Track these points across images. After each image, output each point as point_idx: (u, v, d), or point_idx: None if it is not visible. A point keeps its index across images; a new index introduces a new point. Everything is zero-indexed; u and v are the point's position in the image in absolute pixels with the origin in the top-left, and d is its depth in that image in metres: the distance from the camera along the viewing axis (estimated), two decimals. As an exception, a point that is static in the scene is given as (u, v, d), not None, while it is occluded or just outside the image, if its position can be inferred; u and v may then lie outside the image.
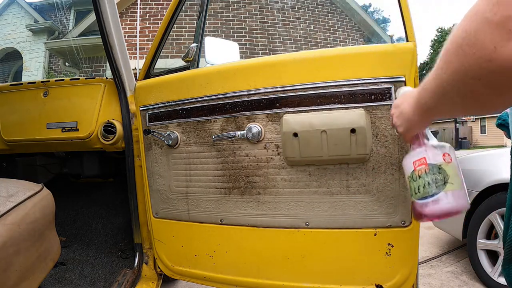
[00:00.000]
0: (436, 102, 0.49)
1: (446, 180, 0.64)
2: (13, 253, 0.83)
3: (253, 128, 1.04)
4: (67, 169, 1.95)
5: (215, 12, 6.81)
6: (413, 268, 0.98)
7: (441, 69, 0.43)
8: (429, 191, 0.64)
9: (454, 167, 0.66)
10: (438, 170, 0.65)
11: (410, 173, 0.69)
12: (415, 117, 0.61)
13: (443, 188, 0.64)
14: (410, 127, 0.65)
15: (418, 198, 0.66)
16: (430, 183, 0.64)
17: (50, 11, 8.58)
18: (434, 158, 0.66)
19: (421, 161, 0.66)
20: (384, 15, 24.23)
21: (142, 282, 1.41)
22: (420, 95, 0.55)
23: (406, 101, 0.64)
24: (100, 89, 1.49)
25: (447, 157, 0.66)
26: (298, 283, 1.07)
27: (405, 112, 0.64)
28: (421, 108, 0.57)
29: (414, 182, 0.67)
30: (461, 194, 0.65)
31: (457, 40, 0.39)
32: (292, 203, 1.05)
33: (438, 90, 0.46)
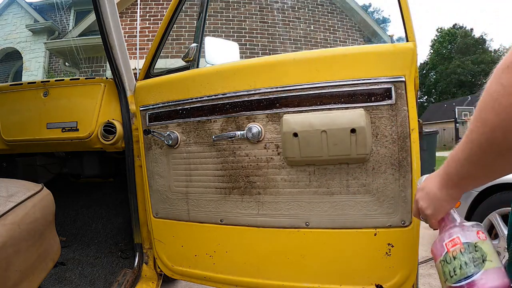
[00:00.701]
0: (472, 168, 0.49)
1: (485, 258, 0.59)
2: (13, 253, 0.83)
3: (253, 128, 1.04)
4: (67, 169, 1.95)
5: (215, 12, 6.81)
6: (413, 268, 0.98)
7: (476, 132, 0.44)
8: (467, 271, 0.59)
9: (490, 244, 0.62)
10: (474, 248, 0.60)
11: (443, 256, 0.63)
12: (442, 194, 0.59)
13: (482, 267, 0.58)
14: (439, 206, 0.62)
15: (455, 281, 0.60)
16: (468, 262, 0.59)
17: (50, 11, 8.57)
18: (468, 237, 0.61)
19: (454, 241, 0.62)
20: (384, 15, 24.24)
21: (142, 282, 1.41)
22: (450, 168, 0.54)
23: (431, 182, 0.62)
24: (100, 89, 1.49)
25: (482, 235, 0.62)
26: (298, 283, 1.07)
27: (431, 192, 0.62)
28: (451, 181, 0.55)
29: (449, 264, 0.61)
30: (501, 271, 0.60)
31: (492, 96, 0.39)
32: (292, 203, 1.05)
33: (473, 154, 0.46)
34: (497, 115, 0.39)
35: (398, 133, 0.93)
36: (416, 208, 0.68)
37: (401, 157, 0.93)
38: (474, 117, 0.44)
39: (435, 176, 0.61)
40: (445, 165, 0.56)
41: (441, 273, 0.64)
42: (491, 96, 0.40)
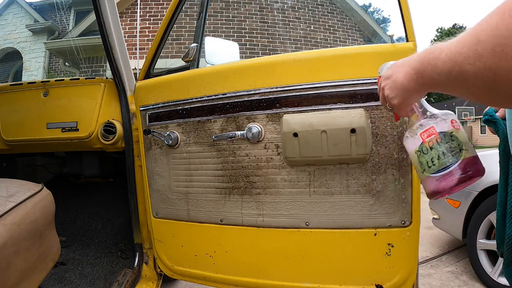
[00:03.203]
0: (447, 83, 0.46)
1: (462, 147, 0.58)
2: (13, 253, 0.83)
3: (253, 128, 1.04)
4: (67, 169, 1.95)
5: (215, 12, 6.81)
6: (413, 268, 0.98)
7: (465, 57, 0.40)
8: (446, 161, 0.58)
9: (464, 133, 0.61)
10: (450, 138, 0.59)
11: (419, 147, 0.62)
12: (411, 87, 0.56)
13: (460, 156, 0.58)
14: (407, 97, 0.59)
15: (434, 171, 0.59)
16: (446, 152, 0.58)
17: (50, 11, 8.58)
18: (443, 126, 0.60)
19: (429, 132, 0.60)
20: (384, 15, 24.23)
21: (142, 282, 1.41)
22: (425, 69, 0.50)
23: (399, 71, 0.59)
24: (100, 89, 1.49)
25: (456, 124, 0.61)
26: (298, 283, 1.07)
27: (398, 81, 0.58)
28: (423, 81, 0.52)
29: (426, 155, 0.60)
30: (477, 159, 0.59)
31: (496, 37, 0.36)
32: (292, 203, 1.05)
33: (454, 76, 0.43)
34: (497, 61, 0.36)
35: (398, 133, 0.93)
36: (382, 96, 0.65)
37: (401, 157, 0.93)
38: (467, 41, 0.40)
39: (404, 67, 0.58)
40: (419, 63, 0.52)
41: (417, 164, 0.63)
42: (495, 36, 0.36)
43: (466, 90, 0.44)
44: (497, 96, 0.40)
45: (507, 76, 0.35)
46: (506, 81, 0.36)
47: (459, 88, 0.44)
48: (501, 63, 0.35)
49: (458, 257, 2.56)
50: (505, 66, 0.35)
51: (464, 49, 0.40)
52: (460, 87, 0.44)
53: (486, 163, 1.91)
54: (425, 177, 0.62)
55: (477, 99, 0.44)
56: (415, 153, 0.63)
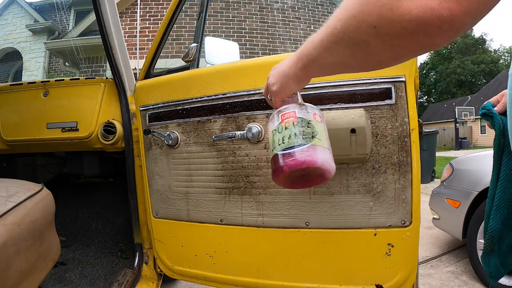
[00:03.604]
0: (321, 52, 0.48)
1: (315, 135, 0.60)
2: (13, 253, 0.83)
3: (253, 128, 1.04)
4: (67, 169, 1.95)
5: (215, 12, 6.81)
6: (413, 268, 0.98)
7: (335, 17, 0.43)
8: (295, 141, 0.59)
9: (323, 128, 0.63)
10: (307, 124, 0.61)
11: (276, 126, 0.63)
12: (290, 73, 0.58)
13: (310, 141, 0.59)
14: (285, 84, 0.61)
15: (282, 149, 0.60)
16: (297, 134, 0.60)
17: (50, 11, 8.58)
18: (304, 113, 0.62)
19: (290, 114, 0.62)
20: (384, 15, 24.07)
21: (142, 282, 1.41)
22: (304, 48, 0.53)
23: (282, 63, 0.62)
24: (100, 89, 1.49)
25: (318, 117, 0.63)
26: (298, 283, 1.07)
27: (281, 69, 0.61)
28: (302, 61, 0.54)
29: (279, 134, 0.62)
30: (328, 153, 0.61)
31: None
32: (292, 203, 1.05)
33: (327, 39, 0.45)
34: (360, 6, 0.38)
35: (398, 133, 0.93)
36: (266, 84, 0.68)
37: (401, 157, 0.93)
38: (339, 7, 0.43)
39: (285, 60, 0.61)
40: (298, 51, 0.55)
41: (271, 142, 0.64)
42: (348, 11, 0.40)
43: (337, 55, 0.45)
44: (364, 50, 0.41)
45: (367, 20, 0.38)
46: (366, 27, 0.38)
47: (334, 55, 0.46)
48: (362, 8, 0.38)
49: (458, 257, 2.56)
50: (366, 10, 0.37)
51: (334, 15, 0.43)
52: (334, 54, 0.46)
53: (487, 163, 1.92)
54: (273, 155, 0.62)
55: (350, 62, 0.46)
56: (271, 131, 0.64)
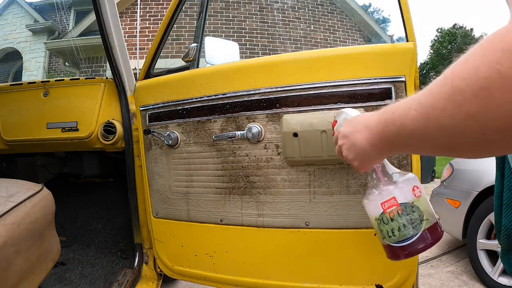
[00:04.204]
0: (417, 142, 0.41)
1: (422, 218, 0.60)
2: (13, 253, 0.83)
3: (253, 128, 1.04)
4: (67, 169, 1.95)
5: (215, 12, 6.81)
6: (413, 268, 0.98)
7: (442, 110, 0.35)
8: (406, 233, 0.59)
9: (424, 199, 0.62)
10: (411, 209, 0.60)
11: (379, 216, 0.62)
12: (373, 151, 0.53)
13: (421, 228, 0.59)
14: (367, 160, 0.57)
15: (394, 242, 0.61)
16: (406, 224, 0.59)
17: (50, 11, 8.58)
18: (405, 196, 0.60)
19: (390, 202, 0.60)
20: (384, 15, 24.21)
21: (142, 282, 1.41)
22: (388, 131, 0.46)
23: (360, 131, 0.55)
24: (100, 89, 1.49)
25: (417, 191, 0.61)
26: (298, 283, 1.07)
27: (359, 145, 0.55)
28: (387, 144, 0.48)
29: (386, 225, 0.61)
30: (436, 226, 0.61)
31: (479, 81, 0.31)
32: (292, 203, 1.05)
33: (428, 132, 0.38)
34: (482, 106, 0.31)
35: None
36: (339, 153, 0.63)
37: (401, 157, 0.93)
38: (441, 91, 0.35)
39: (364, 127, 0.54)
40: (382, 125, 0.47)
41: (378, 230, 0.64)
42: (478, 80, 0.31)
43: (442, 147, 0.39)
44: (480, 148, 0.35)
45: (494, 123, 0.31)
46: (492, 129, 0.31)
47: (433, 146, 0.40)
48: (488, 108, 0.31)
49: (458, 257, 2.56)
50: (493, 112, 0.30)
51: (438, 101, 0.35)
52: (434, 145, 0.39)
53: (487, 163, 1.92)
54: (385, 244, 0.63)
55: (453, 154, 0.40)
56: (375, 220, 0.63)
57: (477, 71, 0.31)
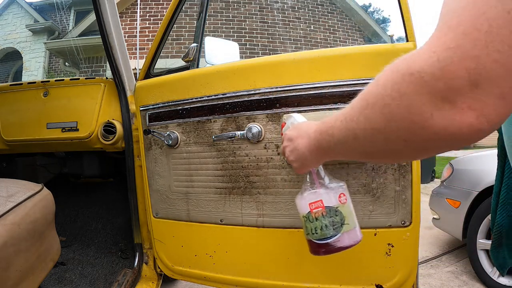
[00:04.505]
0: (343, 150, 0.47)
1: (343, 222, 0.67)
2: (13, 253, 0.83)
3: (253, 128, 1.04)
4: (67, 169, 1.95)
5: (215, 12, 6.81)
6: (413, 268, 0.97)
7: (356, 123, 0.40)
8: (327, 233, 0.67)
9: (349, 206, 0.70)
10: (335, 213, 0.67)
11: (306, 214, 0.69)
12: (311, 157, 0.59)
13: (340, 230, 0.67)
14: (306, 164, 0.63)
15: (316, 238, 0.69)
16: (328, 225, 0.67)
17: (50, 11, 8.57)
18: (330, 201, 0.68)
19: (317, 204, 0.68)
20: (384, 15, 24.19)
21: (142, 282, 1.41)
22: (322, 139, 0.52)
23: (301, 137, 0.62)
24: (100, 89, 1.49)
25: (343, 198, 0.69)
26: (298, 283, 1.07)
27: (300, 149, 0.62)
28: (322, 151, 0.54)
29: (311, 223, 0.69)
30: (355, 231, 0.69)
31: (384, 99, 0.35)
32: (292, 203, 1.04)
33: (349, 142, 0.44)
34: (387, 121, 0.35)
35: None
36: (283, 153, 0.70)
37: (401, 157, 0.93)
38: (358, 106, 0.39)
39: (306, 136, 0.60)
40: (319, 133, 0.53)
41: (303, 226, 0.72)
42: (383, 98, 0.35)
43: (363, 155, 0.44)
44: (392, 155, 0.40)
45: (396, 135, 0.35)
46: (395, 140, 0.36)
47: (356, 153, 0.45)
48: (389, 124, 0.35)
49: (458, 257, 2.56)
50: (394, 126, 0.35)
51: (355, 115, 0.40)
52: (357, 153, 0.45)
53: (487, 162, 1.93)
54: (308, 239, 0.72)
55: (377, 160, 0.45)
56: (302, 217, 0.72)
57: (383, 89, 0.35)
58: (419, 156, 0.39)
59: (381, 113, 0.36)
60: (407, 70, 0.33)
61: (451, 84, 0.29)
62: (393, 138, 0.36)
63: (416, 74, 0.32)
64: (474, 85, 0.29)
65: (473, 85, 0.29)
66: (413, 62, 0.33)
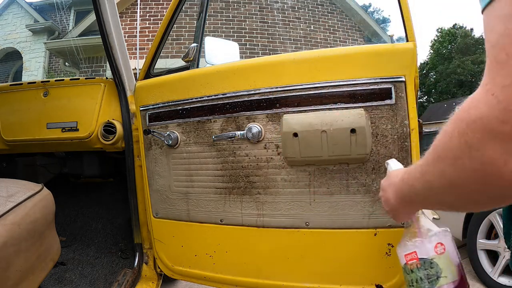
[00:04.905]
0: (424, 201, 0.47)
1: (439, 275, 0.63)
2: (13, 253, 0.83)
3: (253, 128, 1.04)
4: (67, 169, 1.95)
5: (215, 12, 6.81)
6: (413, 268, 0.97)
7: (432, 175, 0.40)
8: (422, 286, 0.64)
9: (447, 257, 0.65)
10: (430, 265, 0.64)
11: (403, 265, 0.68)
12: (399, 207, 0.59)
13: (436, 284, 0.63)
14: (397, 214, 0.63)
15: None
16: (423, 278, 0.64)
17: (50, 11, 8.57)
18: (425, 252, 0.65)
19: (411, 256, 0.66)
20: (384, 15, 24.18)
21: (142, 282, 1.41)
22: (404, 189, 0.52)
23: (390, 188, 0.62)
24: (100, 89, 1.49)
25: (440, 248, 0.65)
26: (298, 283, 1.07)
27: (389, 200, 0.62)
28: (405, 202, 0.54)
29: (408, 275, 0.67)
30: (454, 284, 0.64)
31: (453, 151, 0.34)
32: (292, 203, 1.05)
33: (427, 193, 0.44)
34: (458, 175, 0.35)
35: (398, 133, 0.93)
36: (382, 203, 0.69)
37: (401, 157, 0.93)
38: (431, 158, 0.39)
39: (393, 186, 0.60)
40: (400, 182, 0.53)
41: (403, 275, 0.70)
42: (451, 150, 0.34)
43: (445, 205, 0.44)
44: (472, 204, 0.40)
45: (472, 187, 0.35)
46: (473, 192, 0.35)
47: (437, 204, 0.46)
48: (464, 177, 0.34)
49: (458, 257, 2.56)
50: (469, 179, 0.34)
51: (430, 167, 0.40)
52: (437, 204, 0.45)
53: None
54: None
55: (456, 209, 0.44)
56: (402, 267, 0.70)
57: (451, 141, 0.35)
58: (499, 204, 0.38)
59: (454, 165, 0.35)
60: (470, 118, 0.31)
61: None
62: (470, 190, 0.35)
63: (479, 121, 0.30)
64: None
65: None
66: (474, 108, 0.31)
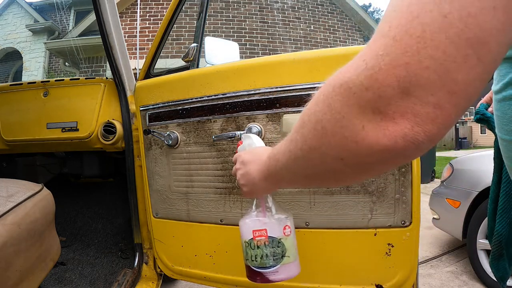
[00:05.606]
0: (288, 175, 0.45)
1: (284, 254, 0.67)
2: (13, 253, 0.83)
3: (253, 128, 1.04)
4: (67, 169, 1.95)
5: (215, 12, 6.81)
6: (413, 268, 0.98)
7: (295, 143, 0.38)
8: (266, 262, 0.66)
9: (292, 239, 0.69)
10: (277, 244, 0.67)
11: (248, 240, 0.69)
12: (261, 183, 0.56)
13: (280, 262, 0.66)
14: (255, 191, 0.61)
15: (254, 266, 0.68)
16: (268, 255, 0.66)
17: (50, 11, 8.58)
18: (275, 231, 0.67)
19: (261, 232, 0.67)
20: (384, 15, 24.10)
21: (142, 282, 1.41)
22: (271, 165, 0.50)
23: (254, 163, 0.59)
24: (100, 89, 1.49)
25: (287, 230, 0.68)
26: (298, 283, 1.07)
27: (251, 174, 0.59)
28: (270, 177, 0.52)
29: (252, 250, 0.68)
30: (295, 264, 0.68)
31: (316, 114, 0.33)
32: (292, 203, 1.05)
33: (291, 165, 0.41)
34: (318, 138, 0.33)
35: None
36: (234, 174, 0.67)
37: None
38: (296, 126, 0.38)
39: (259, 162, 0.57)
40: (268, 160, 0.51)
41: (244, 251, 0.71)
42: (315, 113, 0.33)
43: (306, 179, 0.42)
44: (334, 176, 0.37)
45: (331, 152, 0.33)
46: (332, 159, 0.34)
47: (299, 178, 0.43)
48: (323, 140, 0.33)
49: (458, 257, 2.56)
50: (327, 142, 0.33)
51: (293, 135, 0.38)
52: (300, 177, 0.42)
53: (487, 163, 1.92)
54: (247, 264, 0.71)
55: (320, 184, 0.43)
56: (244, 242, 0.70)
57: (316, 105, 0.33)
58: (361, 176, 0.36)
59: (314, 129, 0.34)
60: (337, 82, 0.31)
61: (380, 93, 0.28)
62: (329, 156, 0.34)
63: (345, 85, 0.30)
64: (405, 93, 0.27)
65: (404, 93, 0.27)
66: (344, 72, 0.31)
